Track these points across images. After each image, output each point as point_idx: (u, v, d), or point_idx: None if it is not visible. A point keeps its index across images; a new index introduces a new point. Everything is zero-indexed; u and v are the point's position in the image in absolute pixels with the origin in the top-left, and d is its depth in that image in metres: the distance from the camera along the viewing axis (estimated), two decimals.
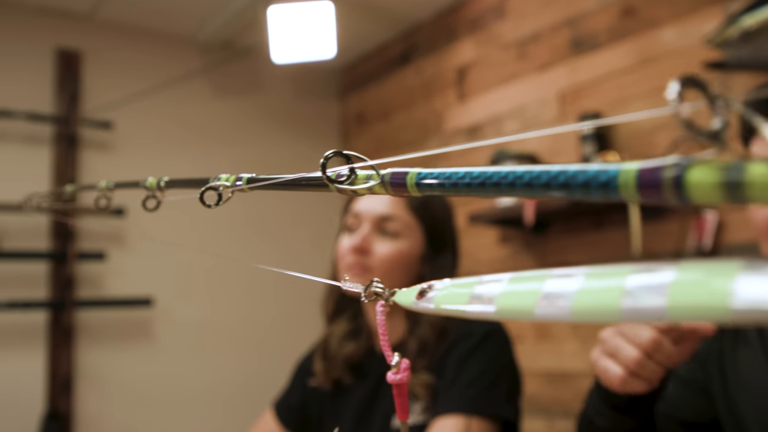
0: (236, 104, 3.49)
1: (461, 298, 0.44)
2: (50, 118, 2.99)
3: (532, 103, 2.82)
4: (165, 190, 0.85)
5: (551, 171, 0.36)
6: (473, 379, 1.32)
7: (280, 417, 1.65)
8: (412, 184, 0.45)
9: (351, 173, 0.50)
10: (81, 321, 2.99)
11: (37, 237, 2.94)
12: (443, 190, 0.44)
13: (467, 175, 0.42)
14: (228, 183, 0.66)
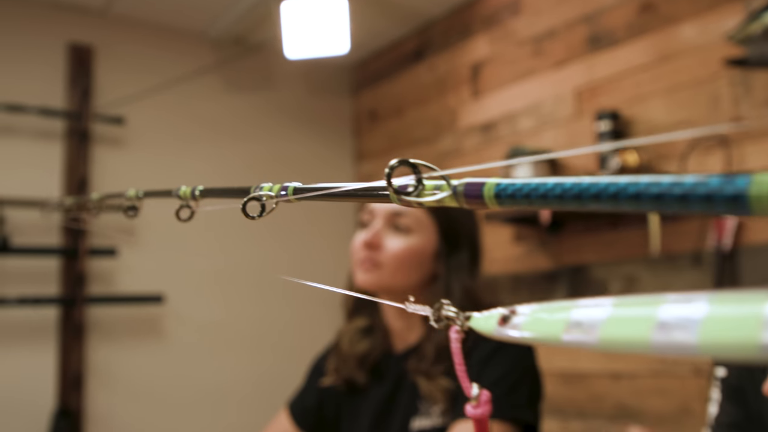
0: (248, 100, 3.47)
1: (555, 326, 0.39)
2: (62, 113, 2.97)
3: (547, 101, 2.79)
4: (200, 199, 0.81)
5: (663, 183, 0.32)
6: (494, 383, 1.29)
7: (294, 417, 1.63)
8: (490, 195, 0.41)
9: (418, 184, 0.46)
10: (92, 317, 2.97)
11: (49, 233, 2.93)
12: (529, 203, 0.39)
13: (558, 187, 0.37)
14: (272, 193, 0.62)
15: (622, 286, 2.49)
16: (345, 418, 1.54)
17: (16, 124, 2.91)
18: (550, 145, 2.73)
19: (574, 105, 2.68)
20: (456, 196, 0.43)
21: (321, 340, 3.42)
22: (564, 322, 0.38)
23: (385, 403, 1.47)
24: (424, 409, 1.39)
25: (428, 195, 0.46)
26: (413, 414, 1.40)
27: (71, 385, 2.87)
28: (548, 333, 0.39)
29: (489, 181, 0.41)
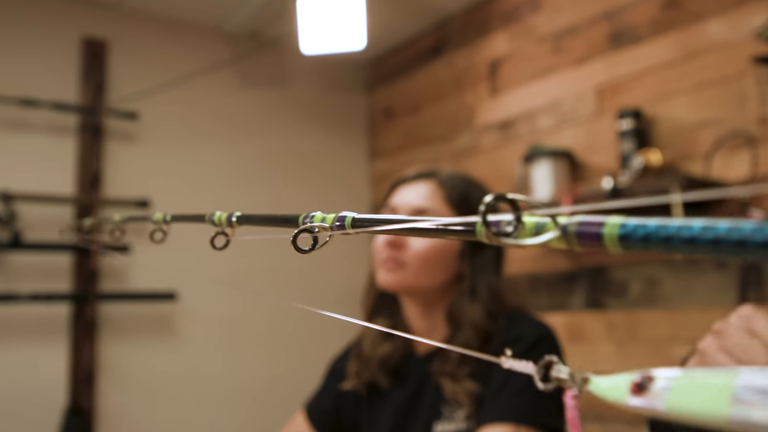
0: (263, 96, 3.43)
1: (716, 399, 0.31)
2: (75, 107, 2.94)
3: (567, 98, 2.74)
4: (236, 226, 0.74)
5: None
6: (522, 387, 1.25)
7: (311, 420, 1.59)
8: (612, 238, 0.34)
9: (518, 223, 0.39)
10: (104, 314, 2.94)
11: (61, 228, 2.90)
12: (667, 248, 0.32)
13: (709, 230, 0.31)
14: (327, 224, 0.56)
15: (643, 288, 2.44)
16: (364, 421, 1.51)
17: (29, 119, 2.88)
18: (570, 144, 2.68)
19: (595, 103, 2.63)
20: (566, 237, 0.37)
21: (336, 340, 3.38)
22: (727, 395, 0.31)
23: (407, 406, 1.43)
24: (447, 413, 1.35)
25: (529, 235, 0.39)
26: (436, 418, 1.36)
27: (83, 382, 2.84)
28: (711, 407, 0.31)
29: (610, 220, 0.35)
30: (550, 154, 2.61)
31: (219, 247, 0.74)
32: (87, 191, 2.93)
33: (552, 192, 2.56)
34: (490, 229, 0.39)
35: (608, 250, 0.35)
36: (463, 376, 1.32)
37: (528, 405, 1.23)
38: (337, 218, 0.55)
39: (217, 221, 0.74)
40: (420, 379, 1.42)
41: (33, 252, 2.79)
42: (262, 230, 0.68)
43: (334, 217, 0.56)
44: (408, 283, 1.40)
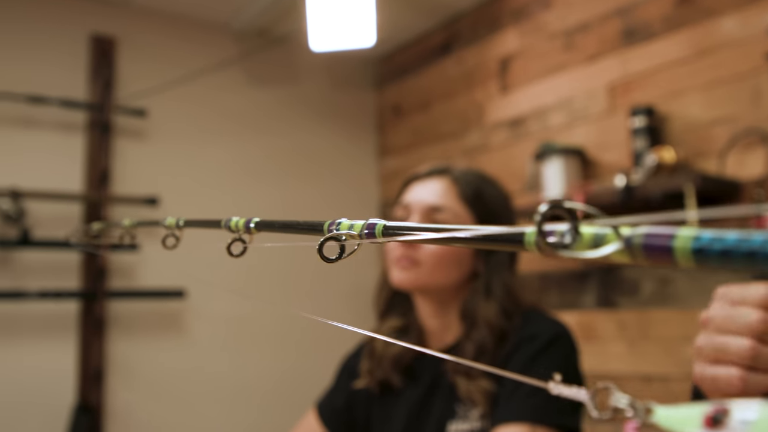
0: (271, 93, 3.42)
1: None
2: (84, 104, 2.93)
3: (579, 96, 2.72)
4: (254, 233, 0.69)
5: None
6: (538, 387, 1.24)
7: (323, 418, 1.57)
8: (684, 252, 0.31)
9: (575, 233, 0.36)
10: (112, 312, 2.93)
11: (69, 226, 2.89)
12: (749, 264, 0.29)
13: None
14: (354, 231, 0.52)
15: (655, 287, 2.42)
16: (377, 420, 1.49)
17: (37, 116, 2.87)
18: (581, 142, 2.66)
19: (607, 100, 2.61)
20: (630, 250, 0.33)
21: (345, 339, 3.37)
22: None
23: (420, 405, 1.41)
24: (461, 412, 1.33)
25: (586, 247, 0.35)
26: (450, 417, 1.34)
27: (91, 379, 2.83)
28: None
29: (682, 232, 0.31)
30: (562, 151, 2.59)
31: (236, 254, 0.70)
32: (96, 188, 2.92)
33: (563, 190, 2.54)
34: (544, 239, 0.36)
35: (679, 265, 0.31)
36: (479, 374, 1.30)
37: (544, 404, 1.21)
38: (367, 225, 0.52)
39: (234, 227, 0.70)
40: (433, 377, 1.41)
41: (42, 249, 2.79)
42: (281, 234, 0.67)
43: (363, 225, 0.52)
44: (422, 281, 1.38)
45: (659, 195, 2.21)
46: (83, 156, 2.96)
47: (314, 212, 3.38)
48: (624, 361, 2.50)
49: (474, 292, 1.38)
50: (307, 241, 0.58)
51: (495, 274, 1.38)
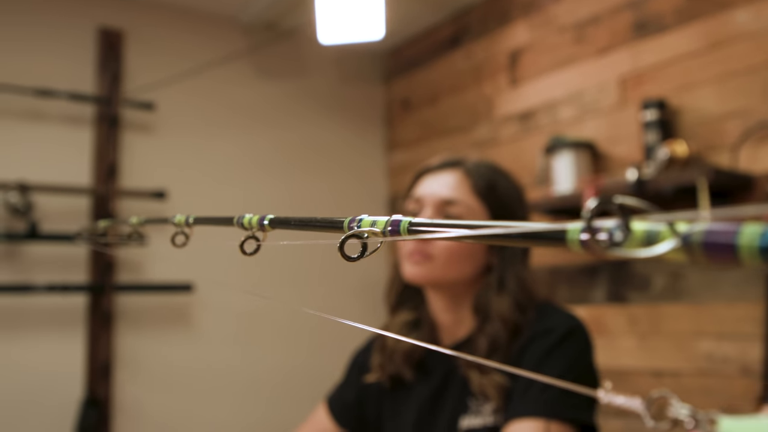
0: (279, 86, 3.41)
1: None
2: (92, 98, 2.92)
3: (590, 89, 2.70)
4: (268, 231, 0.67)
5: None
6: None
7: (333, 413, 1.56)
8: (751, 250, 0.29)
9: (627, 230, 0.33)
10: (120, 305, 2.92)
11: (77, 219, 2.88)
12: None
13: None
14: (377, 229, 0.51)
15: (666, 281, 2.40)
16: (388, 415, 1.47)
17: (45, 109, 2.86)
18: (592, 135, 2.64)
19: (618, 93, 2.59)
20: (689, 248, 0.31)
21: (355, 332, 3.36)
22: None
23: (432, 399, 1.39)
24: (474, 407, 1.32)
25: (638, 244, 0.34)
26: (462, 412, 1.33)
27: (99, 373, 2.82)
28: None
29: (747, 230, 0.30)
30: (572, 145, 2.57)
31: (250, 252, 0.68)
32: (103, 182, 2.91)
33: (574, 183, 2.52)
34: (594, 237, 0.34)
35: (744, 263, 0.29)
36: (492, 369, 1.28)
37: (559, 399, 1.20)
38: (391, 222, 0.50)
39: (247, 225, 0.68)
40: (446, 372, 1.39)
41: (49, 243, 2.78)
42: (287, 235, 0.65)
43: (386, 222, 0.51)
44: (436, 276, 1.36)
45: (671, 189, 2.19)
46: (91, 149, 2.95)
47: (322, 206, 3.37)
48: (634, 356, 2.49)
49: (487, 285, 1.36)
50: (326, 238, 0.57)
51: (508, 268, 1.36)
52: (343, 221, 0.54)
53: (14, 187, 2.68)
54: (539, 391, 1.21)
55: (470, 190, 1.38)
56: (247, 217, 0.68)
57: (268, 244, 0.66)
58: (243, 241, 0.68)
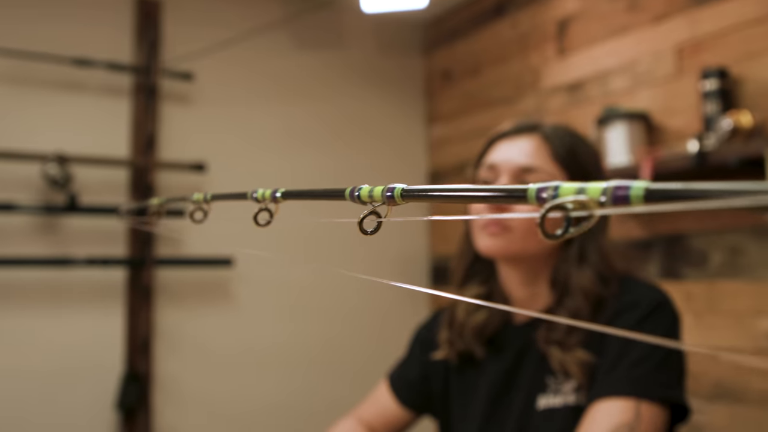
0: (318, 57, 3.33)
1: None
2: (130, 68, 2.86)
3: (644, 58, 2.60)
4: (279, 202, 0.72)
5: None
6: (642, 357, 1.14)
7: (396, 392, 1.50)
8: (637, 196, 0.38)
9: None
10: (160, 279, 2.88)
11: (116, 191, 2.84)
12: None
13: None
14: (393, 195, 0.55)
15: (724, 257, 2.32)
16: (457, 393, 1.41)
17: (83, 79, 2.81)
18: (646, 106, 2.54)
19: (675, 63, 2.49)
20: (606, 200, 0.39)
21: (398, 306, 3.32)
22: None
23: (506, 377, 1.32)
24: (553, 385, 1.25)
25: None
26: (540, 390, 1.26)
27: (139, 348, 2.79)
28: None
29: (636, 184, 0.38)
30: (626, 116, 2.48)
31: (262, 223, 0.72)
32: (142, 154, 2.86)
33: (628, 156, 2.43)
34: None
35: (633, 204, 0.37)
36: (574, 345, 1.21)
37: (649, 377, 1.12)
38: (404, 191, 0.53)
39: (260, 198, 0.71)
40: (520, 348, 1.32)
41: (89, 216, 2.74)
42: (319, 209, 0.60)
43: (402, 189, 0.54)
44: (514, 248, 1.28)
45: (735, 161, 2.10)
46: (129, 120, 2.89)
47: (361, 180, 3.29)
48: (691, 334, 2.41)
49: (566, 258, 1.29)
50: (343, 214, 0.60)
51: (589, 239, 1.28)
52: (344, 191, 0.59)
53: (53, 158, 2.63)
54: (628, 368, 1.14)
55: (550, 156, 1.29)
56: (260, 191, 0.72)
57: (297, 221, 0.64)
58: (256, 213, 0.73)
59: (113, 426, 2.75)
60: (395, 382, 1.51)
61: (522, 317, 1.36)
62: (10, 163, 2.63)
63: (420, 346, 1.51)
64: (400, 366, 1.54)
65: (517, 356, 1.32)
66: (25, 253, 2.64)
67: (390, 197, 0.54)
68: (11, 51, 2.63)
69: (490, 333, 1.37)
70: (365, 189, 0.56)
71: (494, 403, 1.32)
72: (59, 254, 2.70)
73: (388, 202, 0.55)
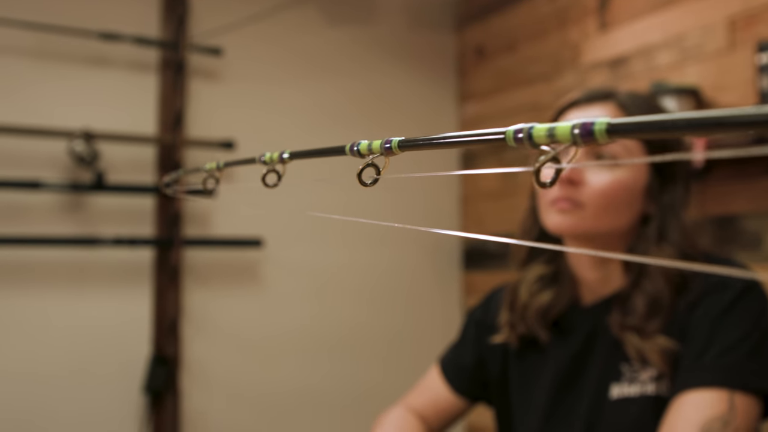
0: (348, 33, 3.23)
1: None
2: (157, 42, 2.77)
3: (692, 31, 2.49)
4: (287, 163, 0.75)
5: None
6: (733, 345, 1.05)
7: (449, 379, 1.41)
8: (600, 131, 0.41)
9: None
10: (188, 260, 2.80)
11: (143, 170, 2.76)
12: None
13: None
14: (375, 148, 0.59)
15: None
16: (518, 380, 1.32)
17: (109, 54, 2.73)
18: (695, 81, 2.43)
19: (727, 36, 2.38)
20: None
21: (428, 290, 3.24)
22: None
23: (573, 363, 1.23)
24: (628, 374, 1.15)
25: None
26: (614, 379, 1.16)
27: (167, 331, 2.72)
28: None
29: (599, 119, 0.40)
30: (675, 91, 2.37)
31: (271, 184, 0.75)
32: (170, 131, 2.77)
33: None
34: None
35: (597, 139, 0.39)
36: (654, 331, 1.12)
37: (742, 366, 1.03)
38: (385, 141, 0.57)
39: (268, 160, 0.74)
40: (589, 332, 1.22)
41: (116, 194, 2.66)
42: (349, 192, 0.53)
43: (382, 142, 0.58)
44: (586, 226, 1.19)
45: None
46: (156, 97, 2.81)
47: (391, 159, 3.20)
48: None
49: (643, 237, 1.19)
50: None
51: (669, 215, 1.18)
52: (344, 147, 0.62)
53: (79, 135, 2.55)
54: (717, 356, 1.04)
55: None
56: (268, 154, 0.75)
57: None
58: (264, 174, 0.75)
59: (141, 409, 2.68)
60: (448, 368, 1.42)
61: (590, 298, 1.26)
62: (36, 140, 2.55)
63: (475, 328, 1.42)
64: (452, 350, 1.45)
65: (585, 341, 1.23)
66: (51, 232, 2.57)
67: (388, 148, 0.57)
68: (37, 24, 2.55)
69: (555, 315, 1.28)
70: (364, 143, 0.59)
71: (560, 390, 1.23)
72: (85, 234, 2.62)
73: (386, 153, 0.57)
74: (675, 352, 1.10)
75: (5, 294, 2.52)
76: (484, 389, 1.39)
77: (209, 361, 2.81)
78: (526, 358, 1.30)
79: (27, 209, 2.56)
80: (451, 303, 3.30)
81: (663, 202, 1.19)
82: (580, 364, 1.22)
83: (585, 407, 1.18)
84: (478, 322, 1.42)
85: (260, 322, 2.92)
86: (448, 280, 3.30)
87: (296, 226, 3.01)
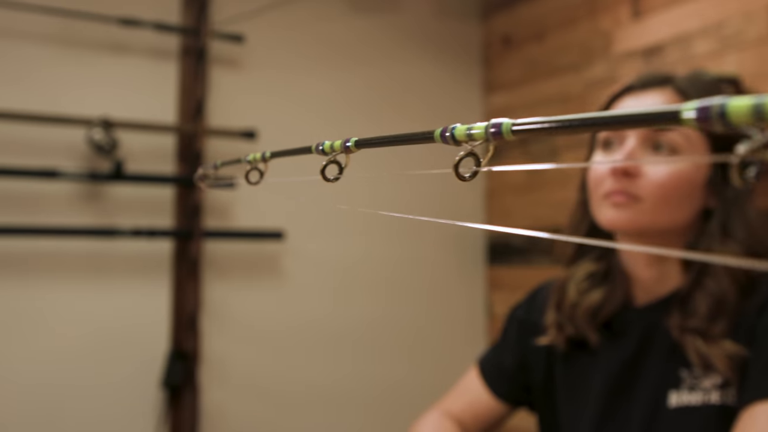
0: (372, 21, 3.15)
1: None
2: (178, 28, 2.70)
3: (732, 19, 2.39)
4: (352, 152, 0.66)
5: None
6: None
7: (489, 382, 1.33)
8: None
9: None
10: (207, 253, 2.74)
11: (163, 159, 2.70)
12: None
13: None
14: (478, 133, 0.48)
15: None
16: (565, 384, 1.24)
17: (129, 41, 2.66)
18: (735, 71, 2.34)
19: None
20: None
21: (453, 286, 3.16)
22: None
23: (627, 368, 1.15)
24: (688, 380, 1.07)
25: None
26: (672, 386, 1.08)
27: (186, 325, 2.65)
28: None
29: None
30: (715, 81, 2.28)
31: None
32: (190, 120, 2.70)
33: None
34: None
35: None
36: (719, 335, 1.04)
37: None
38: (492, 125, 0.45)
39: (328, 150, 0.64)
40: (644, 335, 1.14)
41: (134, 184, 2.59)
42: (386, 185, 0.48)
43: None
44: (643, 222, 1.10)
45: None
46: (177, 85, 2.74)
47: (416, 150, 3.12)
48: None
49: (705, 233, 1.11)
50: None
51: (733, 210, 1.10)
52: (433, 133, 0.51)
53: (98, 123, 2.49)
54: None
55: None
56: (328, 143, 0.65)
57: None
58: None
59: (159, 404, 2.62)
60: (487, 370, 1.34)
61: (643, 299, 1.18)
62: (54, 128, 2.49)
63: (517, 329, 1.34)
64: (493, 350, 1.37)
65: (640, 344, 1.14)
66: (68, 222, 2.51)
67: (496, 134, 0.44)
68: (54, 9, 2.48)
69: (606, 316, 1.19)
70: (461, 127, 0.48)
71: (613, 397, 1.15)
72: (103, 224, 2.56)
73: (494, 139, 0.45)
74: (743, 358, 1.02)
75: (21, 285, 2.47)
76: (526, 393, 1.31)
77: (228, 356, 2.75)
78: (575, 362, 1.22)
79: (44, 198, 2.50)
80: (474, 298, 3.22)
81: (726, 196, 1.10)
82: (634, 369, 1.14)
83: (640, 415, 1.10)
84: (521, 321, 1.34)
85: (281, 316, 2.85)
86: (472, 274, 3.23)
87: (319, 218, 2.94)
